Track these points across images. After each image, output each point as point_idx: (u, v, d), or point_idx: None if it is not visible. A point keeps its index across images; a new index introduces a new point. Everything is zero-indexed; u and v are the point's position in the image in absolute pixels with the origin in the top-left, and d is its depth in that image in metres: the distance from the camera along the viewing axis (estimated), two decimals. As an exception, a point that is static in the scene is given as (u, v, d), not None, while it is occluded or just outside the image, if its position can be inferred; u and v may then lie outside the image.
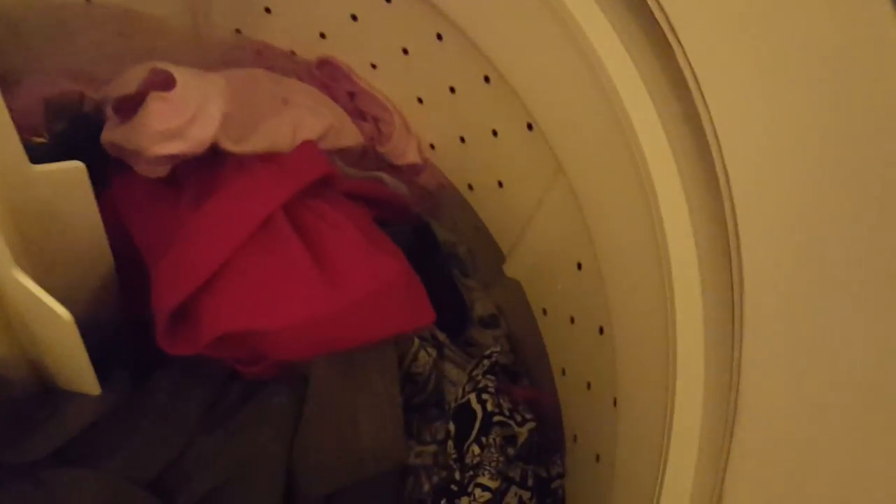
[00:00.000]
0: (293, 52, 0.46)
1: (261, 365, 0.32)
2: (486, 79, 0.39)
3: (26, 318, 0.27)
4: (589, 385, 0.37)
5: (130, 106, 0.35)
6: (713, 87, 0.26)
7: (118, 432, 0.30)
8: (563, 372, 0.40)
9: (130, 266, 0.33)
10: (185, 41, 0.45)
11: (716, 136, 0.26)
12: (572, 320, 0.39)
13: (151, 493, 0.29)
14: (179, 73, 0.33)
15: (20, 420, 0.29)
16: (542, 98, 0.36)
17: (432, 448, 0.34)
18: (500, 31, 0.37)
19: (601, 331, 0.36)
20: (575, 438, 0.38)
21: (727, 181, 0.26)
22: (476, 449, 0.33)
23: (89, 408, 0.29)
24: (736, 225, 0.25)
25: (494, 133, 0.41)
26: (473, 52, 0.38)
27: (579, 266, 0.38)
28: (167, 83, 0.34)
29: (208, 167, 0.35)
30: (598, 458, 0.35)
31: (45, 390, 0.31)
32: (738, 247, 0.25)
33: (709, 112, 0.26)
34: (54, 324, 0.26)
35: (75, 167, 0.28)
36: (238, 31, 0.46)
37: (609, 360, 0.34)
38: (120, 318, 0.33)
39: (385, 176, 0.42)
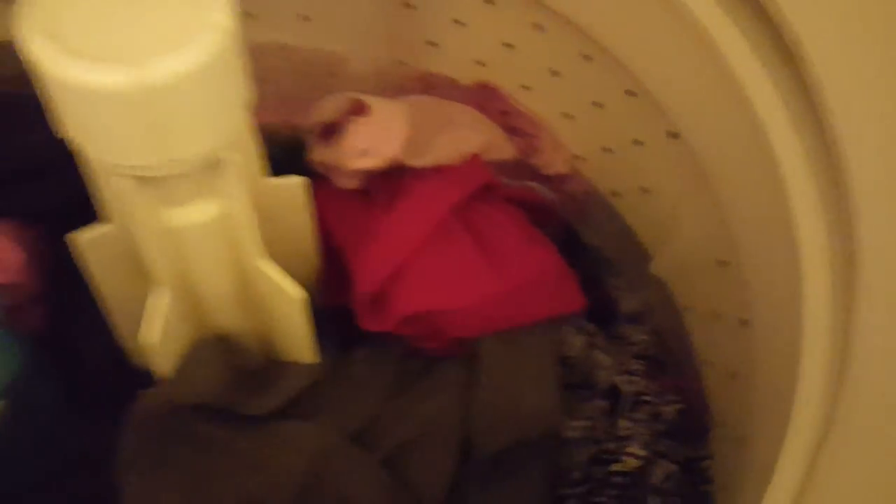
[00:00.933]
0: (453, 80, 0.53)
1: (438, 341, 0.38)
2: (630, 93, 0.43)
3: (264, 299, 0.34)
4: (734, 375, 0.40)
5: (330, 130, 0.43)
6: (838, 92, 0.30)
7: (326, 395, 0.37)
8: (707, 363, 0.43)
9: (329, 261, 0.40)
10: (362, 73, 0.52)
11: (840, 139, 0.29)
12: (715, 315, 0.42)
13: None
14: (373, 102, 0.40)
15: (252, 381, 0.36)
16: (683, 109, 0.40)
17: (585, 423, 0.38)
18: (643, 49, 0.41)
19: (743, 323, 0.39)
20: (719, 424, 0.41)
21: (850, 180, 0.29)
22: (625, 423, 0.38)
23: (307, 373, 0.36)
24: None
25: (638, 143, 0.45)
26: (618, 69, 0.43)
27: (721, 263, 0.41)
28: (361, 110, 0.41)
29: (392, 179, 0.42)
30: (742, 441, 0.38)
31: (267, 359, 0.38)
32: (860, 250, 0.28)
33: (834, 116, 0.29)
34: (289, 303, 0.33)
35: (300, 181, 0.35)
36: (402, 62, 0.53)
37: (750, 350, 0.37)
38: (322, 304, 0.39)
39: (536, 185, 0.47)
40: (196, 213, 0.30)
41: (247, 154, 0.30)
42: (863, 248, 0.28)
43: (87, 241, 0.33)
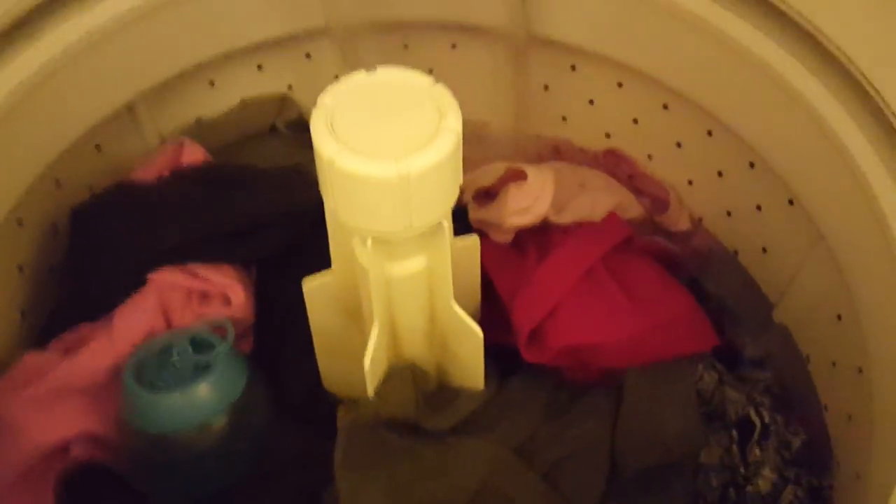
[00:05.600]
0: (582, 149, 0.60)
1: (586, 373, 0.45)
2: (751, 164, 0.49)
3: (448, 335, 0.41)
4: (850, 417, 0.44)
5: (484, 193, 0.51)
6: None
7: (491, 416, 0.43)
8: (826, 407, 0.47)
9: (486, 304, 0.47)
10: (506, 143, 0.60)
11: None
12: (833, 364, 0.47)
13: (514, 462, 0.42)
14: (528, 169, 0.48)
15: (432, 402, 0.43)
16: (801, 178, 0.45)
17: (718, 451, 0.43)
18: (763, 125, 0.47)
19: (860, 371, 0.43)
20: (838, 462, 0.45)
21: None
22: (757, 451, 0.42)
23: (477, 398, 0.43)
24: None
25: (759, 208, 0.50)
26: (739, 143, 0.49)
27: (839, 317, 0.45)
28: (516, 176, 0.49)
29: (538, 234, 0.49)
30: (857, 476, 0.42)
31: (441, 384, 0.45)
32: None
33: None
34: (472, 340, 0.40)
35: (475, 240, 0.42)
36: (538, 135, 0.61)
37: (867, 395, 0.42)
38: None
39: (662, 240, 0.53)
40: (411, 266, 0.38)
41: (448, 220, 0.38)
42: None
43: (313, 286, 0.41)
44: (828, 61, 0.42)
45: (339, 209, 0.35)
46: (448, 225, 0.37)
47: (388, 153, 0.33)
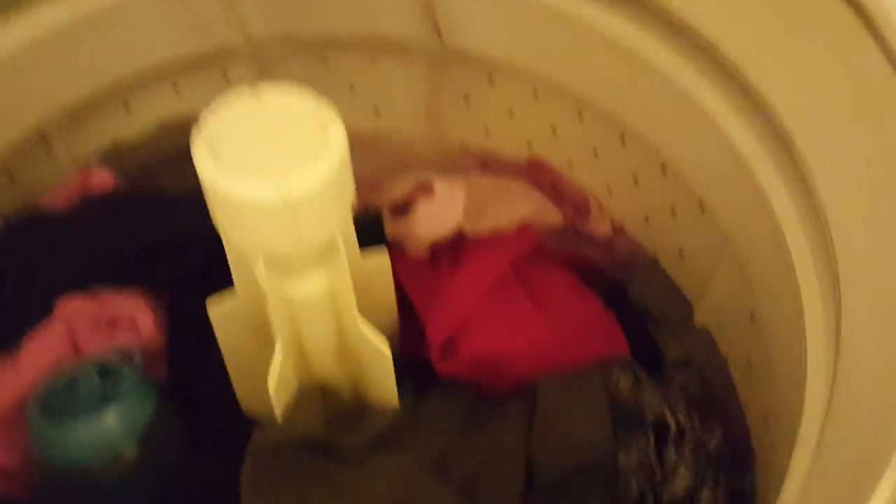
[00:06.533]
0: (507, 160, 0.60)
1: (500, 383, 0.44)
2: (663, 169, 0.50)
3: (358, 354, 0.41)
4: (766, 416, 0.45)
5: (399, 207, 0.51)
6: (823, 171, 0.36)
7: (406, 431, 0.43)
8: (745, 407, 0.48)
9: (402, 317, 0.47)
10: (430, 157, 0.60)
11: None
12: (749, 363, 0.47)
13: (430, 476, 0.41)
14: (436, 182, 0.48)
15: (345, 421, 0.43)
16: (705, 184, 0.46)
17: (635, 455, 0.43)
18: (667, 131, 0.47)
19: (771, 371, 0.43)
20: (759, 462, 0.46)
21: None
22: (672, 454, 0.42)
23: (392, 414, 0.43)
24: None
25: (673, 213, 0.51)
26: (650, 148, 0.49)
27: (752, 318, 0.46)
28: (427, 188, 0.49)
29: (454, 246, 0.49)
30: (780, 476, 0.42)
31: (355, 402, 0.44)
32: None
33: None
34: (380, 359, 0.40)
35: (384, 254, 0.41)
36: (463, 148, 0.61)
37: (778, 394, 0.42)
38: (399, 353, 0.46)
39: (583, 247, 0.54)
40: (311, 286, 0.37)
41: (347, 234, 0.38)
42: (847, 296, 0.34)
43: (218, 309, 0.41)
44: (721, 69, 0.42)
45: (227, 231, 0.35)
46: (346, 240, 0.37)
47: (271, 173, 0.32)
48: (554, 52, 0.51)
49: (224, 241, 0.38)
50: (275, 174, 0.32)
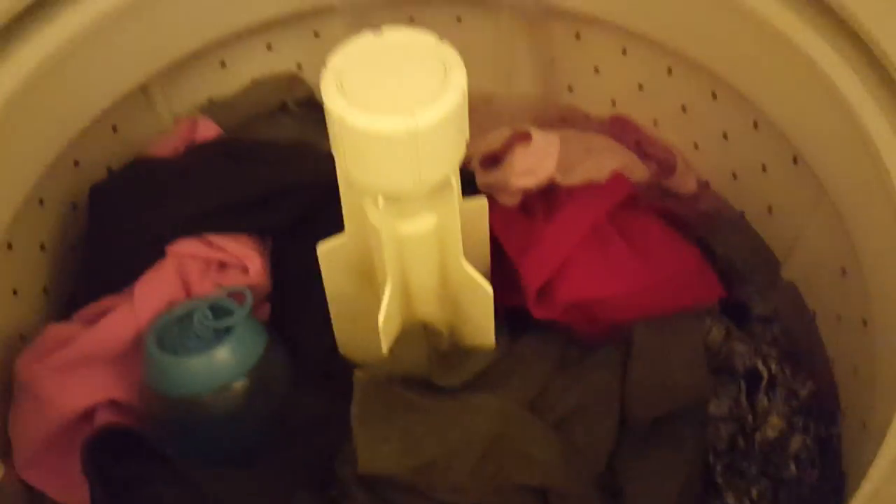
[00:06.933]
0: (588, 116, 0.61)
1: (595, 328, 0.45)
2: (755, 124, 0.50)
3: (459, 294, 0.42)
4: (855, 369, 0.45)
5: (491, 158, 0.52)
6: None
7: (503, 372, 0.44)
8: (832, 360, 0.48)
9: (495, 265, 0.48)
10: (511, 113, 0.60)
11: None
12: (839, 318, 0.47)
13: (526, 415, 0.43)
14: (533, 131, 0.49)
15: (445, 360, 0.44)
16: (804, 135, 0.46)
17: (727, 402, 0.44)
18: (766, 83, 0.47)
19: (864, 323, 0.43)
20: (846, 414, 0.46)
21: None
22: (765, 400, 0.43)
23: (488, 355, 0.44)
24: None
25: (764, 168, 0.51)
26: (744, 103, 0.49)
27: (843, 272, 0.46)
28: (521, 139, 0.50)
29: (545, 197, 0.50)
30: (864, 425, 0.42)
31: (453, 343, 0.46)
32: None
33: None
34: (482, 297, 0.41)
35: (483, 201, 0.42)
36: (545, 105, 0.61)
37: (871, 347, 0.42)
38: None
39: (670, 202, 0.54)
40: (421, 224, 0.39)
41: (456, 177, 0.39)
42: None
43: (327, 251, 0.42)
44: (828, 16, 0.42)
45: (351, 168, 0.36)
46: (456, 182, 0.38)
47: (397, 109, 0.34)
48: (645, 7, 0.51)
49: (341, 183, 0.40)
50: (400, 109, 0.33)
